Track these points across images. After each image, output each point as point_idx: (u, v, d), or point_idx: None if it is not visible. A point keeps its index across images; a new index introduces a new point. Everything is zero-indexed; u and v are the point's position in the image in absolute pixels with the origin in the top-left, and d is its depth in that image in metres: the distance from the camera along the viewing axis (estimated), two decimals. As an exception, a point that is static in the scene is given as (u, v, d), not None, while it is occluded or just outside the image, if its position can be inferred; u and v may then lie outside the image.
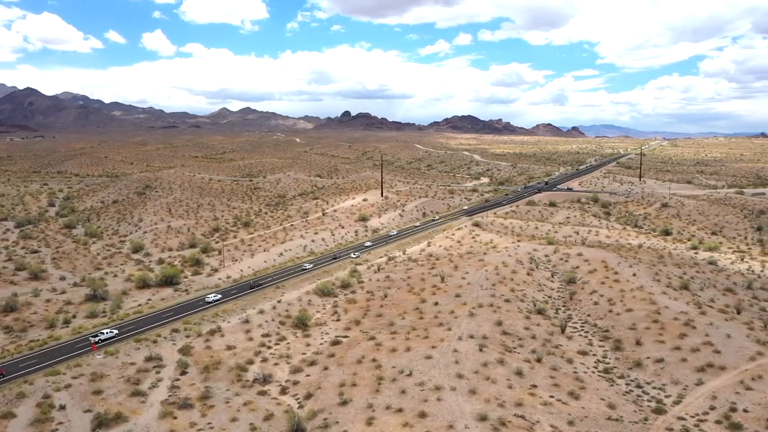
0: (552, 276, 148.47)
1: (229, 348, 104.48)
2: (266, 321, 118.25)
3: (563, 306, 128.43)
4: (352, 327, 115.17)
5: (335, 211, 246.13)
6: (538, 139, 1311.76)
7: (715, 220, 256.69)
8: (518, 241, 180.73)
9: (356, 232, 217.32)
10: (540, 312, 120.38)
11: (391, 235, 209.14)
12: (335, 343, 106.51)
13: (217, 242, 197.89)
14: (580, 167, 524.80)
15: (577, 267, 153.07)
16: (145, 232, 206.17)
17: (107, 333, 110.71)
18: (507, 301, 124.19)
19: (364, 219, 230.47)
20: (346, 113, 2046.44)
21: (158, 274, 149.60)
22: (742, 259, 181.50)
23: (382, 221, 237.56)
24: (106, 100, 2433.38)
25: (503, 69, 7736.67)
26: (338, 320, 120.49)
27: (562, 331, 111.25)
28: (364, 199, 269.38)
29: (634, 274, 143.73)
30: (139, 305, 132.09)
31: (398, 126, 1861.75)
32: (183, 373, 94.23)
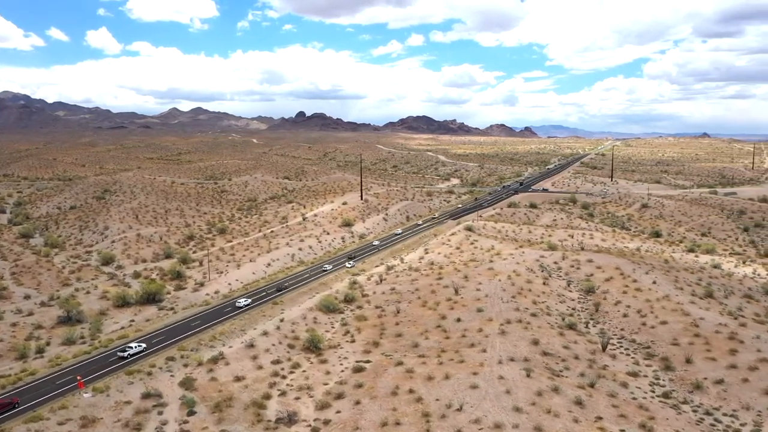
0: (568, 285, 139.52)
1: (238, 379, 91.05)
2: (273, 344, 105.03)
3: (590, 319, 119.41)
4: (371, 350, 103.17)
5: (316, 216, 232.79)
6: (495, 139, 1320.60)
7: (699, 221, 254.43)
8: (520, 247, 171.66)
9: (342, 238, 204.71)
10: (571, 327, 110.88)
11: (374, 245, 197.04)
12: (358, 369, 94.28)
13: (194, 251, 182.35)
14: (547, 167, 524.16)
15: (591, 275, 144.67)
16: (113, 242, 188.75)
17: (136, 347, 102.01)
18: (533, 315, 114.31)
19: (348, 224, 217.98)
20: (301, 113, 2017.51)
21: (138, 291, 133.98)
22: (743, 262, 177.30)
23: (367, 226, 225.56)
24: (49, 100, 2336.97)
25: (455, 70, 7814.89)
26: (353, 341, 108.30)
27: (603, 350, 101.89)
28: (344, 203, 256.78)
29: (654, 282, 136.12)
30: (122, 328, 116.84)
31: (354, 126, 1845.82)
32: (190, 413, 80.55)
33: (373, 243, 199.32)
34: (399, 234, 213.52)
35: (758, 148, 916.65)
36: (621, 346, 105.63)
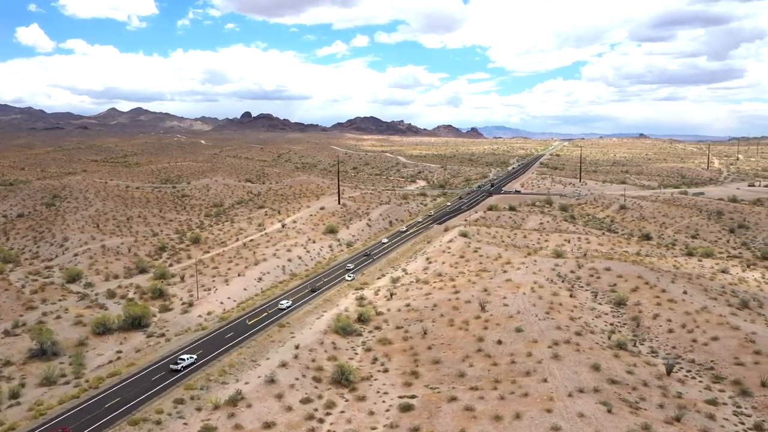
0: (595, 297, 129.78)
1: (267, 426, 76.37)
2: (296, 378, 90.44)
3: (634, 336, 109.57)
4: (411, 381, 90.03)
5: (295, 222, 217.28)
6: (445, 140, 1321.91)
7: (682, 222, 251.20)
8: (528, 254, 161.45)
9: (330, 247, 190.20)
10: (621, 346, 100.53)
11: (368, 254, 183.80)
12: (406, 408, 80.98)
13: (170, 264, 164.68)
14: (509, 168, 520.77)
15: (614, 285, 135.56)
16: (76, 255, 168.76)
17: (188, 359, 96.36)
18: (578, 334, 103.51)
19: (332, 231, 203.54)
20: (247, 114, 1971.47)
21: (121, 315, 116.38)
22: (748, 266, 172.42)
23: (352, 233, 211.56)
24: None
25: (400, 71, 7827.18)
26: (385, 370, 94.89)
27: (668, 373, 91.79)
28: (322, 208, 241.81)
29: (685, 292, 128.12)
30: (110, 362, 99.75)
31: (302, 127, 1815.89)
32: (222, 475, 65.66)
33: (366, 252, 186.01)
34: (385, 243, 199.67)
35: (700, 148, 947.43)
36: (681, 368, 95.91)
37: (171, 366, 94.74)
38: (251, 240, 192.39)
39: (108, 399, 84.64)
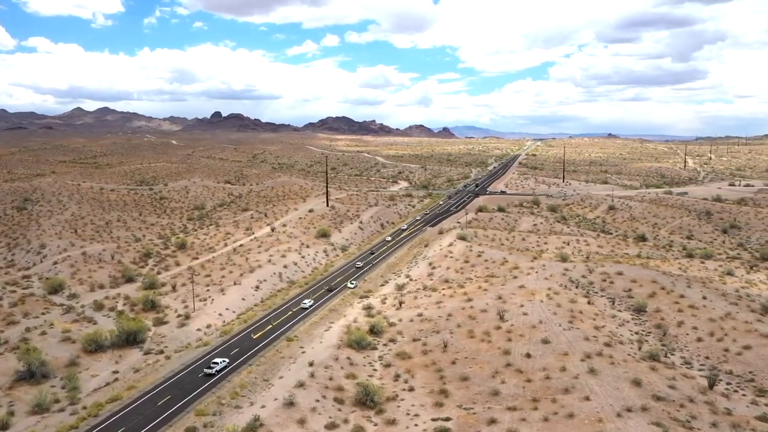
0: (613, 304, 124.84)
1: (295, 457, 69.02)
2: (317, 400, 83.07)
3: (662, 345, 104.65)
4: (442, 401, 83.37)
5: (284, 226, 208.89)
6: (419, 140, 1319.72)
7: (674, 222, 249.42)
8: (534, 259, 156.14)
9: (325, 251, 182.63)
10: (654, 358, 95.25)
11: (369, 256, 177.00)
12: (443, 432, 74.42)
13: (158, 272, 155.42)
14: (489, 168, 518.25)
15: (629, 290, 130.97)
16: (56, 263, 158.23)
17: (221, 362, 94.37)
18: (608, 345, 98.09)
19: (325, 235, 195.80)
20: (217, 114, 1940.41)
21: (114, 330, 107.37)
22: (751, 268, 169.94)
23: (345, 236, 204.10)
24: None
25: (370, 71, 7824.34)
26: (411, 389, 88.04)
27: (711, 387, 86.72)
28: (310, 210, 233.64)
29: (704, 297, 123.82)
30: (107, 384, 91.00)
31: (274, 127, 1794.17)
32: None
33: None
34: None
35: (671, 148, 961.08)
36: (721, 380, 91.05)
37: (205, 370, 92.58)
38: (241, 245, 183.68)
39: (111, 430, 76.13)
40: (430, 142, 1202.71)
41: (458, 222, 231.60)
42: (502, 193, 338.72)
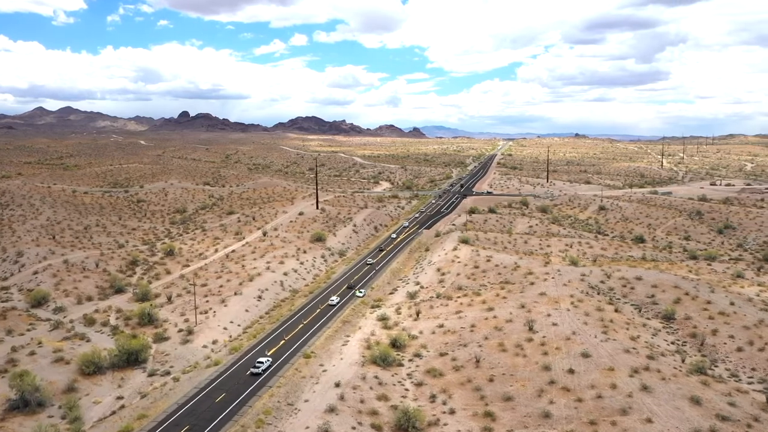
0: (640, 311, 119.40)
1: (343, 497, 60.99)
2: (353, 427, 75.17)
3: (701, 356, 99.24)
4: (490, 426, 76.17)
5: (276, 230, 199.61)
6: (392, 140, 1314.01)
7: (667, 223, 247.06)
8: (547, 263, 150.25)
9: (323, 257, 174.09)
10: (701, 371, 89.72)
11: (369, 262, 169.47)
12: (500, 462, 67.19)
13: (149, 281, 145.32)
14: (468, 169, 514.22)
15: (653, 296, 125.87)
16: (36, 273, 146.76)
17: (266, 361, 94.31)
18: (650, 358, 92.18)
19: (320, 239, 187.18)
20: (185, 113, 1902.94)
21: (113, 349, 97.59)
22: (759, 270, 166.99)
23: (341, 240, 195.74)
24: None
25: (339, 71, 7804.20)
26: (452, 412, 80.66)
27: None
28: (300, 213, 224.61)
29: (732, 303, 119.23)
30: (113, 413, 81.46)
31: (243, 127, 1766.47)
32: None
33: (367, 261, 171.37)
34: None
35: (641, 147, 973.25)
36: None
37: (251, 370, 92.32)
38: (233, 251, 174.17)
39: (127, 468, 67.15)
40: (403, 142, 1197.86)
41: (453, 224, 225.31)
42: (489, 193, 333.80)
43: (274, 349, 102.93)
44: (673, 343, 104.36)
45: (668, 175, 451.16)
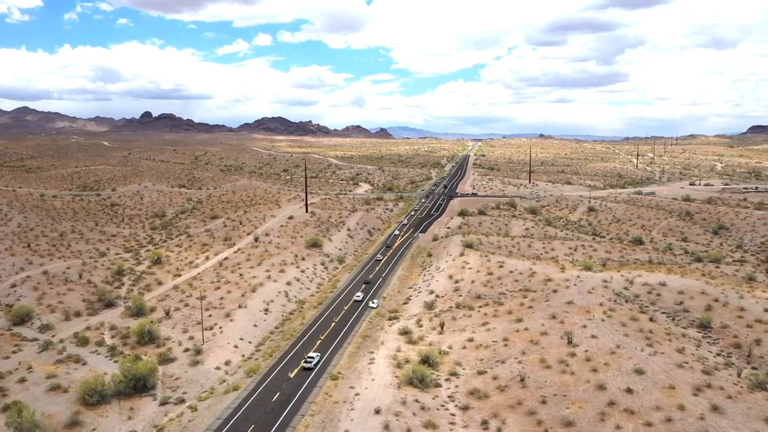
0: (673, 320, 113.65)
1: None
2: (407, 463, 66.75)
3: (752, 368, 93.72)
4: (559, 456, 68.63)
5: (267, 235, 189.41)
6: (361, 140, 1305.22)
7: (661, 224, 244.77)
8: (562, 269, 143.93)
9: (323, 264, 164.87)
10: (763, 386, 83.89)
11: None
12: (584, 502, 59.68)
13: (140, 292, 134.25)
14: (446, 169, 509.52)
15: (681, 303, 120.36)
16: (15, 286, 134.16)
17: (316, 356, 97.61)
18: (706, 373, 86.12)
19: (316, 245, 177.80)
20: (147, 114, 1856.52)
21: (117, 375, 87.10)
22: (767, 272, 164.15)
23: (337, 246, 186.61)
24: None
25: (304, 71, 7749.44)
26: (511, 441, 72.90)
27: None
28: (290, 217, 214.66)
29: (766, 310, 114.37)
30: (129, 452, 71.40)
31: (208, 128, 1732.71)
32: None
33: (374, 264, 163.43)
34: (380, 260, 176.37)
35: (608, 148, 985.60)
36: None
37: (303, 365, 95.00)
38: (226, 258, 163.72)
39: None
40: (371, 142, 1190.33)
41: (448, 227, 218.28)
42: (474, 195, 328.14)
43: (296, 370, 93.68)
44: (719, 354, 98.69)
45: (645, 176, 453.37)
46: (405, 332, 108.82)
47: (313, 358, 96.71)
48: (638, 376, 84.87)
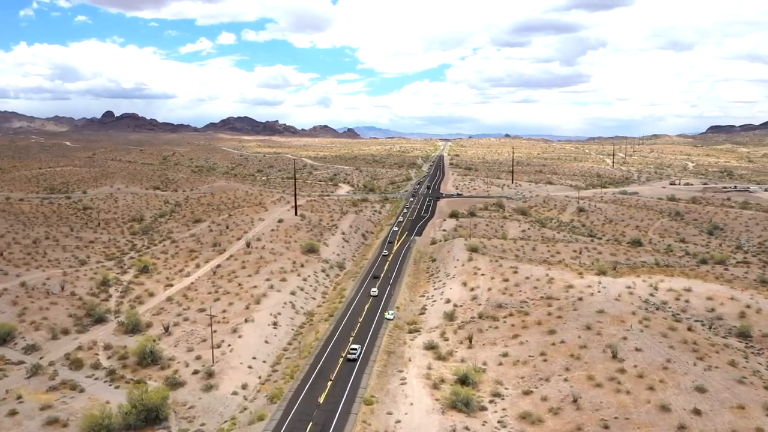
0: (710, 328, 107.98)
1: None
2: (478, 506, 58.58)
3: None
4: (643, 492, 61.31)
5: (258, 240, 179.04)
6: (331, 140, 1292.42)
7: (654, 225, 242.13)
8: (580, 275, 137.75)
9: (324, 271, 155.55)
10: (828, 402, 78.30)
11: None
12: None
13: (131, 306, 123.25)
14: (423, 169, 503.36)
15: (712, 309, 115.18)
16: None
17: (359, 348, 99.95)
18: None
19: (312, 250, 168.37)
20: (109, 113, 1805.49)
21: (124, 407, 76.79)
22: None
23: (334, 251, 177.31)
24: None
25: (269, 71, 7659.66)
26: (582, 474, 65.35)
27: None
28: (280, 221, 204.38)
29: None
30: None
31: (173, 128, 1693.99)
32: None
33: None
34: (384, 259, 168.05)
35: (577, 147, 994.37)
36: None
37: (348, 356, 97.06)
38: (219, 266, 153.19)
39: None
40: (341, 142, 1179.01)
41: (444, 230, 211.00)
42: (459, 195, 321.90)
43: (324, 393, 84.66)
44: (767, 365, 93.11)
45: (624, 175, 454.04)
46: (431, 347, 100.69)
47: (356, 349, 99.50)
48: (701, 395, 78.38)
